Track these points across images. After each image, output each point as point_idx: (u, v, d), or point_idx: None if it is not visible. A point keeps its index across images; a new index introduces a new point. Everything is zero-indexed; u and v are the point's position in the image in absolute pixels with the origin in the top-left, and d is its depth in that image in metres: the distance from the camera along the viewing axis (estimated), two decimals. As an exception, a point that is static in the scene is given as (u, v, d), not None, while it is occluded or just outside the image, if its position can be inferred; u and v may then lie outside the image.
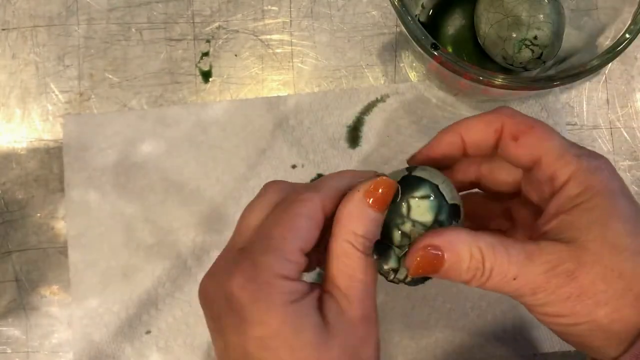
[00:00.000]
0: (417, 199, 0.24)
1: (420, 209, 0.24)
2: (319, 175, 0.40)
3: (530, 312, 0.24)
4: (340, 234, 0.24)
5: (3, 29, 0.43)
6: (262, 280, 0.22)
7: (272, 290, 0.22)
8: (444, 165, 0.28)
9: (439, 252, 0.22)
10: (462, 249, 0.22)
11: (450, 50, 0.40)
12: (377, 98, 0.41)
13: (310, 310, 0.23)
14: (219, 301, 0.23)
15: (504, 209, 0.29)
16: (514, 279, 0.22)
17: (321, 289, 0.24)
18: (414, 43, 0.30)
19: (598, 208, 0.23)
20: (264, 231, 0.24)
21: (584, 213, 0.23)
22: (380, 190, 0.23)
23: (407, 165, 0.28)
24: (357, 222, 0.23)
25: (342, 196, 0.24)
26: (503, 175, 0.28)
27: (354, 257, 0.23)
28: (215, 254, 0.40)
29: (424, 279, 0.26)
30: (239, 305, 0.22)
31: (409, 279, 0.25)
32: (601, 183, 0.23)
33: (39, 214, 0.41)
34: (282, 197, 0.25)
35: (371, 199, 0.23)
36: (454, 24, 0.40)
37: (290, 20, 0.42)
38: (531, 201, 0.27)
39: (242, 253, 0.24)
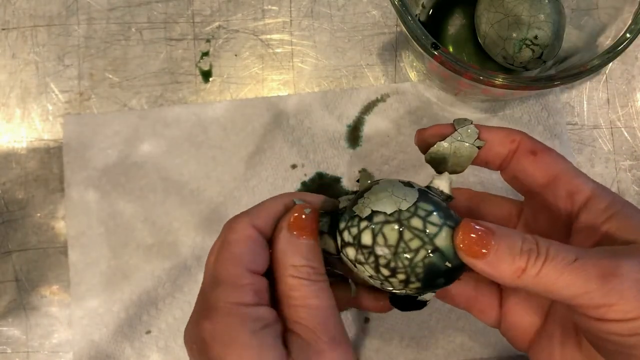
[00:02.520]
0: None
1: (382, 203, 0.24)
2: (319, 175, 0.40)
3: (592, 324, 0.20)
4: (281, 273, 0.23)
5: (3, 29, 0.43)
6: (218, 314, 0.22)
7: (228, 320, 0.22)
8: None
9: (488, 229, 0.21)
10: (512, 230, 0.21)
11: (450, 49, 0.40)
12: (377, 98, 0.41)
13: (272, 340, 0.22)
14: (192, 345, 0.23)
15: None
16: (575, 260, 0.20)
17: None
18: (414, 43, 0.30)
19: (638, 213, 0.22)
20: (208, 269, 0.24)
21: (627, 219, 0.22)
22: (301, 217, 0.24)
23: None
24: (292, 255, 0.23)
25: (275, 213, 0.25)
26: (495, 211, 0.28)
27: (301, 287, 0.23)
28: (215, 254, 0.40)
29: (418, 305, 0.26)
30: (206, 346, 0.22)
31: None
32: (620, 197, 0.23)
33: (39, 214, 0.41)
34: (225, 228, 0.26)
35: (295, 231, 0.24)
36: (454, 23, 0.40)
37: (291, 20, 0.42)
38: (534, 227, 0.27)
39: (200, 295, 0.25)
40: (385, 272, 0.23)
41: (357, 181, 0.40)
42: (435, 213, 0.23)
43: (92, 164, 0.41)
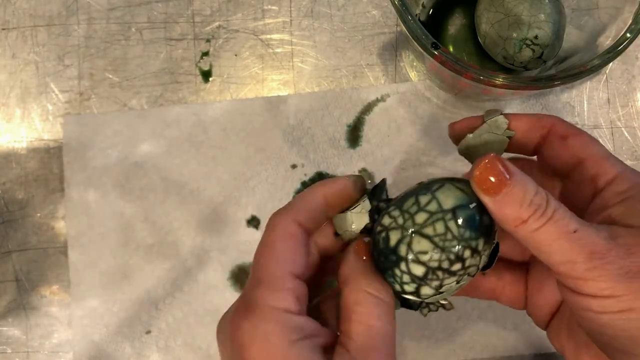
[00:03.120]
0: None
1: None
2: (319, 175, 0.40)
3: (568, 295, 0.21)
4: (351, 285, 0.23)
5: (3, 29, 0.43)
6: (258, 316, 0.21)
7: (268, 326, 0.21)
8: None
9: (508, 170, 0.21)
10: (529, 181, 0.21)
11: (450, 49, 0.40)
12: (377, 98, 0.41)
13: (310, 353, 0.21)
14: (227, 344, 0.22)
15: None
16: (575, 231, 0.20)
17: (335, 337, 0.23)
18: (414, 42, 0.30)
19: None
20: (252, 268, 0.24)
21: (637, 204, 0.22)
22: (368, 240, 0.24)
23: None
24: (363, 278, 0.23)
25: (316, 206, 0.24)
26: None
27: (367, 304, 0.22)
28: (215, 254, 0.40)
29: (434, 307, 0.26)
30: (241, 347, 0.21)
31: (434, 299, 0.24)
32: None
33: (39, 214, 0.41)
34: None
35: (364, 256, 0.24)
36: (454, 23, 0.40)
37: (291, 20, 0.42)
38: None
39: (243, 291, 0.24)
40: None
41: None
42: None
43: (92, 164, 0.41)
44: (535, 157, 0.27)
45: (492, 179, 0.21)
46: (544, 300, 0.27)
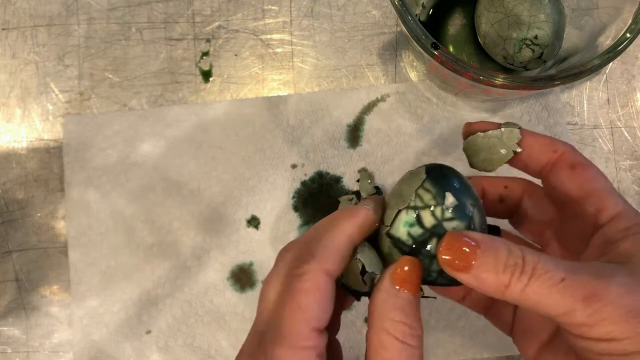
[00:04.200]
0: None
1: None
2: (319, 175, 0.40)
3: (573, 340, 0.21)
4: (377, 325, 0.22)
5: (3, 29, 0.43)
6: None
7: None
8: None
9: (473, 242, 0.20)
10: (500, 244, 0.21)
11: (450, 49, 0.40)
12: (377, 97, 0.41)
13: None
14: None
15: None
16: (562, 279, 0.19)
17: None
18: (414, 42, 0.30)
19: None
20: (273, 317, 0.22)
21: (637, 241, 0.22)
22: (406, 269, 0.22)
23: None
24: (392, 309, 0.22)
25: (343, 250, 0.23)
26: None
27: (393, 349, 0.21)
28: (215, 254, 0.40)
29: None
30: None
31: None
32: None
33: (39, 214, 0.41)
34: (289, 267, 0.23)
35: (398, 284, 0.22)
36: (454, 23, 0.40)
37: (291, 20, 0.42)
38: (561, 238, 0.27)
39: (259, 344, 0.22)
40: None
41: (357, 181, 0.40)
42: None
43: (92, 164, 0.41)
44: (539, 181, 0.27)
45: (460, 258, 0.20)
46: (530, 328, 0.26)
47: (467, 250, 0.20)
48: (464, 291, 0.29)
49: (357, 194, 0.39)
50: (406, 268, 0.22)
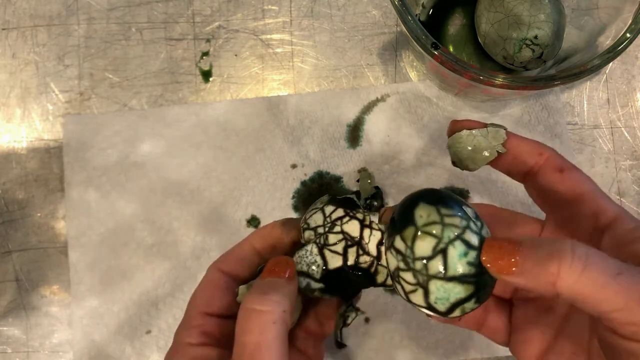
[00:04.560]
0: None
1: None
2: (319, 175, 0.40)
3: (606, 334, 0.20)
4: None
5: (3, 29, 0.43)
6: (172, 350, 0.27)
7: (176, 356, 0.26)
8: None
9: (515, 243, 0.20)
10: (542, 240, 0.20)
11: (450, 49, 0.40)
12: (377, 97, 0.41)
13: None
14: None
15: None
16: (619, 274, 0.19)
17: None
18: (414, 42, 0.30)
19: None
20: None
21: None
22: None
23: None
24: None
25: (244, 255, 0.28)
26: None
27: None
28: (215, 254, 0.40)
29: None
30: None
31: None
32: None
33: (39, 214, 0.41)
34: None
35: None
36: (454, 23, 0.40)
37: (291, 20, 0.42)
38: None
39: None
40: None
41: (357, 181, 0.40)
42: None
43: (92, 164, 0.41)
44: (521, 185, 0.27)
45: (504, 260, 0.20)
46: (529, 338, 0.26)
47: (509, 248, 0.20)
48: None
49: (357, 193, 0.39)
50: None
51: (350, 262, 0.25)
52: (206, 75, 0.42)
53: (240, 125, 0.41)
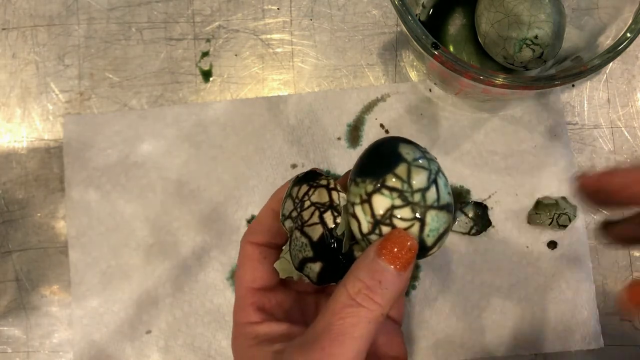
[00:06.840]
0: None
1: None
2: (319, 175, 0.40)
3: None
4: (343, 281, 0.24)
5: (3, 29, 0.43)
6: (233, 333, 0.27)
7: (236, 340, 0.26)
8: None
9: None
10: None
11: (450, 49, 0.40)
12: (377, 97, 0.41)
13: (263, 355, 0.24)
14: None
15: None
16: None
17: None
18: (415, 42, 0.30)
19: None
20: None
21: None
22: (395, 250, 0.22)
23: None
24: (357, 269, 0.23)
25: (267, 219, 0.27)
26: None
27: (340, 300, 0.23)
28: (215, 254, 0.40)
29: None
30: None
31: None
32: None
33: (39, 214, 0.41)
34: None
35: (386, 259, 0.23)
36: (454, 23, 0.40)
37: (291, 20, 0.42)
38: None
39: None
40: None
41: None
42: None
43: (92, 163, 0.41)
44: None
45: None
46: None
47: None
48: None
49: None
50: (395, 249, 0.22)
51: (330, 224, 0.24)
52: (206, 75, 0.42)
53: (240, 125, 0.41)
